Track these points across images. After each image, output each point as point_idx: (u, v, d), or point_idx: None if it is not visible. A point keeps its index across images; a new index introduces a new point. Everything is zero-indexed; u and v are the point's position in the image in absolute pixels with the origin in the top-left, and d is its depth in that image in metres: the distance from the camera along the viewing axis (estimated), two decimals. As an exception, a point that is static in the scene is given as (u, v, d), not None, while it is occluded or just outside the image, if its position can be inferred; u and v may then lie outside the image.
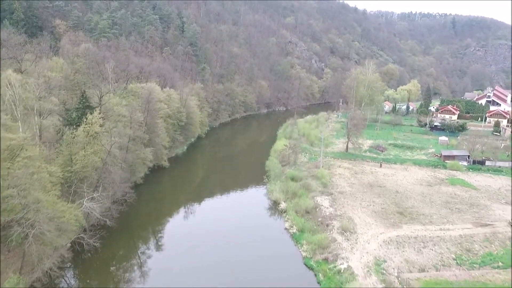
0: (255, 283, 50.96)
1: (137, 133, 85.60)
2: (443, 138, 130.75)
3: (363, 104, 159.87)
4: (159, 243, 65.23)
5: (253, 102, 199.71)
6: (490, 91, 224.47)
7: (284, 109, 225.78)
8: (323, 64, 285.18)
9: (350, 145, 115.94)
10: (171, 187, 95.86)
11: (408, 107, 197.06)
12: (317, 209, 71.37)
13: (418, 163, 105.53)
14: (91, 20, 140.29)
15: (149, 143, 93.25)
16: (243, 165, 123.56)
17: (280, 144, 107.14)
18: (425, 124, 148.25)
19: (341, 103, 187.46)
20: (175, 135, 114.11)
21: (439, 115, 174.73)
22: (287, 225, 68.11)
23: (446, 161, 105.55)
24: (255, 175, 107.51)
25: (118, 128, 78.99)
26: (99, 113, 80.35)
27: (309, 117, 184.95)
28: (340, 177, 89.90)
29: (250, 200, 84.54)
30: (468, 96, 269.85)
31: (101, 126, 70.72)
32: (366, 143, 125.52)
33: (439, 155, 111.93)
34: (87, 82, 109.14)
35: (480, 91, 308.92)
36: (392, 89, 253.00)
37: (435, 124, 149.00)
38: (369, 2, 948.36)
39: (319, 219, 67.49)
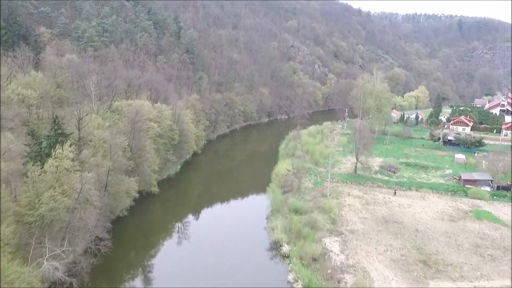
0: None
1: (120, 160, 75.40)
2: (460, 156, 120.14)
3: (370, 116, 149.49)
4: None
5: (253, 111, 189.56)
6: (503, 98, 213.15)
7: (286, 117, 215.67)
8: (326, 69, 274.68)
9: (358, 165, 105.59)
10: (160, 215, 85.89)
11: (417, 117, 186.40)
12: (326, 256, 60.99)
13: (435, 188, 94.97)
14: (78, 27, 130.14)
15: (135, 169, 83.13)
16: (241, 183, 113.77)
17: (282, 167, 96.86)
18: (438, 139, 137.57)
19: (346, 113, 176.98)
20: (167, 155, 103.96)
21: (451, 126, 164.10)
22: (290, 277, 57.74)
23: (466, 186, 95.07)
24: (254, 197, 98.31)
25: (97, 158, 68.92)
26: (77, 142, 70.58)
27: (312, 128, 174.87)
28: (350, 209, 79.48)
29: (248, 238, 74.12)
30: (478, 102, 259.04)
31: (73, 160, 60.57)
32: (376, 161, 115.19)
33: (457, 178, 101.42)
34: (71, 97, 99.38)
35: (490, 97, 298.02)
36: (399, 96, 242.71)
37: (449, 138, 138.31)
38: (373, 3, 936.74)
39: (329, 271, 57.09)
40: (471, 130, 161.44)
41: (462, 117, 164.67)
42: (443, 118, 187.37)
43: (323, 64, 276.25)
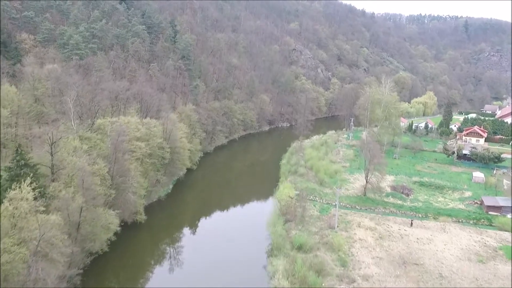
0: None
1: (98, 190, 65.63)
2: (478, 175, 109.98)
3: (378, 127, 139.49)
4: None
5: (253, 119, 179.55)
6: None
7: (288, 125, 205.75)
8: (329, 73, 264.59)
9: (368, 186, 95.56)
10: (147, 246, 76.58)
11: (427, 126, 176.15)
12: (336, 315, 51.06)
13: (455, 215, 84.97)
14: (64, 33, 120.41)
15: (118, 197, 73.40)
16: (239, 201, 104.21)
17: (284, 192, 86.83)
18: (453, 153, 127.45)
19: (352, 123, 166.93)
20: (156, 176, 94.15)
21: (463, 137, 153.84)
22: None
23: (490, 213, 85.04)
24: (252, 219, 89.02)
25: (70, 191, 59.17)
26: (50, 169, 61.03)
27: (316, 138, 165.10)
28: (361, 245, 69.47)
29: (246, 279, 64.12)
30: (488, 109, 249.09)
31: (36, 198, 50.94)
32: (387, 180, 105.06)
33: (479, 202, 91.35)
34: (51, 113, 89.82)
35: (499, 102, 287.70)
36: (406, 102, 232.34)
37: (464, 152, 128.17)
38: (376, 4, 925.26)
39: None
40: (485, 141, 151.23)
41: (476, 128, 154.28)
42: (454, 127, 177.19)
43: (326, 68, 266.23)
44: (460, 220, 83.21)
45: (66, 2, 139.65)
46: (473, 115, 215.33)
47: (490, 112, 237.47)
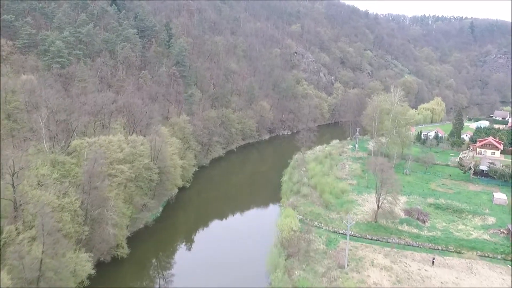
0: None
1: (66, 228, 55.66)
2: (500, 196, 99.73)
3: (387, 140, 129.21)
4: None
5: (252, 128, 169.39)
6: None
7: (290, 132, 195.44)
8: (332, 77, 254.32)
9: (380, 210, 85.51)
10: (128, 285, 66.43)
11: (437, 136, 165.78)
12: None
13: (480, 248, 74.85)
14: (46, 38, 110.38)
15: (93, 232, 63.41)
16: (236, 224, 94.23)
17: (286, 222, 76.72)
18: (469, 168, 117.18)
19: (358, 133, 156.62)
20: (143, 200, 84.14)
21: (478, 149, 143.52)
22: None
23: (519, 246, 74.83)
24: (250, 246, 79.31)
25: (24, 240, 49.13)
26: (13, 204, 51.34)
27: (319, 149, 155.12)
28: (377, 292, 59.34)
29: None
30: (497, 115, 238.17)
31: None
32: (399, 201, 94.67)
33: (505, 232, 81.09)
34: (23, 130, 79.99)
35: (509, 108, 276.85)
36: (413, 108, 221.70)
37: (481, 168, 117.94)
38: (379, 4, 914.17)
39: None
40: (500, 153, 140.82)
41: (491, 139, 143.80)
42: (465, 136, 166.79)
43: (329, 72, 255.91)
44: (486, 255, 73.04)
45: (51, 4, 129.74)
46: (485, 123, 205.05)
47: (501, 118, 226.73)
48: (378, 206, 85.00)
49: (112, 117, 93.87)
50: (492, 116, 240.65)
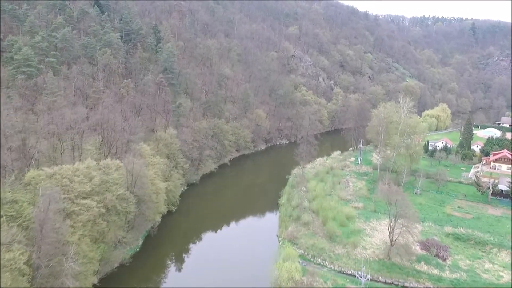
0: None
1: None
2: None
3: (394, 155, 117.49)
4: None
5: (247, 139, 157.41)
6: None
7: (287, 142, 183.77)
8: (332, 82, 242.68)
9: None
10: None
11: (446, 147, 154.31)
12: None
13: (515, 296, 63.24)
14: (14, 44, 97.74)
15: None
16: (228, 253, 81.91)
17: (285, 267, 64.66)
18: (488, 188, 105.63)
19: (361, 145, 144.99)
20: (117, 236, 71.91)
21: (492, 163, 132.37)
22: None
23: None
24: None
25: None
26: None
27: (319, 162, 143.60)
28: None
29: None
30: (505, 121, 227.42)
31: None
32: (413, 231, 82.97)
33: (540, 273, 69.49)
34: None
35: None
36: (416, 115, 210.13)
37: (500, 188, 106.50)
38: (378, 5, 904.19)
39: None
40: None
41: (506, 152, 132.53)
42: (476, 148, 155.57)
43: (328, 76, 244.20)
44: (523, 306, 61.45)
45: (23, 5, 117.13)
46: (493, 131, 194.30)
47: (508, 125, 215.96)
48: (391, 241, 73.30)
49: (85, 136, 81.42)
50: (499, 123, 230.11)
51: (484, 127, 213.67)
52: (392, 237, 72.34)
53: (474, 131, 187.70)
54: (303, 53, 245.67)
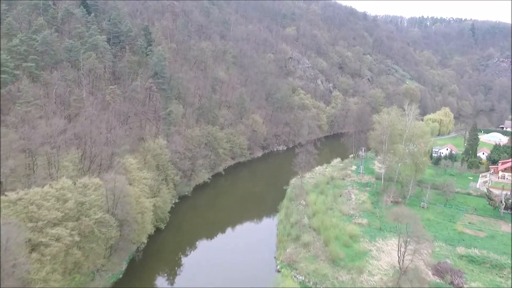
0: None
1: None
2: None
3: (399, 165, 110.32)
4: None
5: (243, 146, 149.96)
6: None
7: (285, 148, 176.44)
8: (330, 84, 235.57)
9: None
10: None
11: (451, 155, 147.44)
12: None
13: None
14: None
15: None
16: (221, 275, 74.08)
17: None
18: (500, 202, 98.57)
19: (363, 154, 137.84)
20: (96, 264, 64.24)
21: (500, 173, 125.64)
22: None
23: None
24: None
25: None
26: None
27: (319, 171, 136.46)
28: None
29: None
30: (508, 125, 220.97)
31: None
32: (423, 252, 75.74)
33: None
34: None
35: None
36: (421, 122, 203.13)
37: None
38: (376, 5, 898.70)
39: None
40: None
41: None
42: (482, 155, 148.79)
43: (326, 79, 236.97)
44: None
45: (3, 5, 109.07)
46: (497, 136, 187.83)
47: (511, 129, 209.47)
48: (401, 269, 66.01)
49: (63, 150, 73.64)
50: (502, 127, 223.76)
51: (487, 131, 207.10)
52: (402, 264, 65.08)
53: (480, 136, 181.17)
54: (301, 55, 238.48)
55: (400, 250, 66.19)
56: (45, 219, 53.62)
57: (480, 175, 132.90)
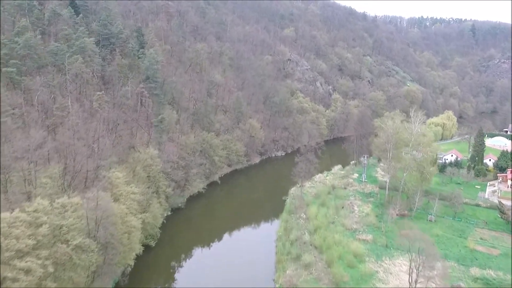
0: None
1: None
2: None
3: (405, 175, 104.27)
4: None
5: (240, 152, 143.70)
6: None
7: (284, 153, 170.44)
8: (330, 87, 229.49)
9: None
10: None
11: (457, 161, 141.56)
12: None
13: None
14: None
15: None
16: None
17: None
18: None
19: (365, 161, 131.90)
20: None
21: (509, 182, 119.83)
22: None
23: None
24: None
25: None
26: None
27: (319, 179, 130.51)
28: None
29: None
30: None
31: None
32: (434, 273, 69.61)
33: None
34: None
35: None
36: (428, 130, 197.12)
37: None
38: (375, 5, 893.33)
39: None
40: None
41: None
42: (489, 162, 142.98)
43: (326, 81, 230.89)
44: None
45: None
46: (503, 141, 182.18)
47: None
48: (413, 298, 59.90)
49: (41, 165, 67.15)
50: (506, 131, 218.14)
51: (491, 135, 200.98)
52: (415, 292, 59.05)
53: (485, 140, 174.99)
54: (299, 57, 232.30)
55: (412, 276, 60.15)
56: (13, 249, 47.20)
57: (488, 184, 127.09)
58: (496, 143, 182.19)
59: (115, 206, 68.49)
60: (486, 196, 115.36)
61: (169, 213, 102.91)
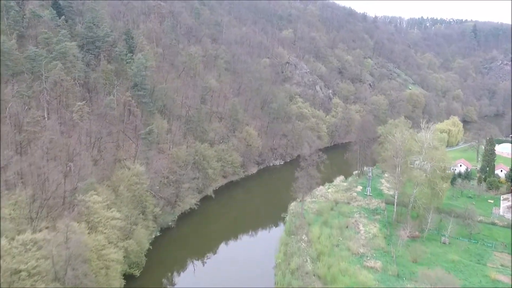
0: None
1: None
2: None
3: (414, 191, 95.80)
4: None
5: (236, 163, 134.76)
6: None
7: (282, 162, 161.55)
8: (330, 91, 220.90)
9: None
10: None
11: (467, 172, 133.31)
12: None
13: None
14: None
15: None
16: None
17: None
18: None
19: (370, 174, 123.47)
20: None
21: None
22: None
23: None
24: None
25: None
26: None
27: (320, 193, 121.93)
28: None
29: None
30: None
31: None
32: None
33: None
34: None
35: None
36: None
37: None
38: (374, 5, 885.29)
39: None
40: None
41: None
42: (500, 173, 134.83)
43: (326, 85, 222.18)
44: None
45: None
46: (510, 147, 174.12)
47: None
48: None
49: (6, 191, 58.15)
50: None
51: (498, 142, 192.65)
52: None
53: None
54: (298, 60, 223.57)
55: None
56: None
57: (502, 198, 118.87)
58: (504, 150, 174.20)
59: (91, 238, 59.58)
60: (501, 213, 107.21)
61: (158, 233, 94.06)
